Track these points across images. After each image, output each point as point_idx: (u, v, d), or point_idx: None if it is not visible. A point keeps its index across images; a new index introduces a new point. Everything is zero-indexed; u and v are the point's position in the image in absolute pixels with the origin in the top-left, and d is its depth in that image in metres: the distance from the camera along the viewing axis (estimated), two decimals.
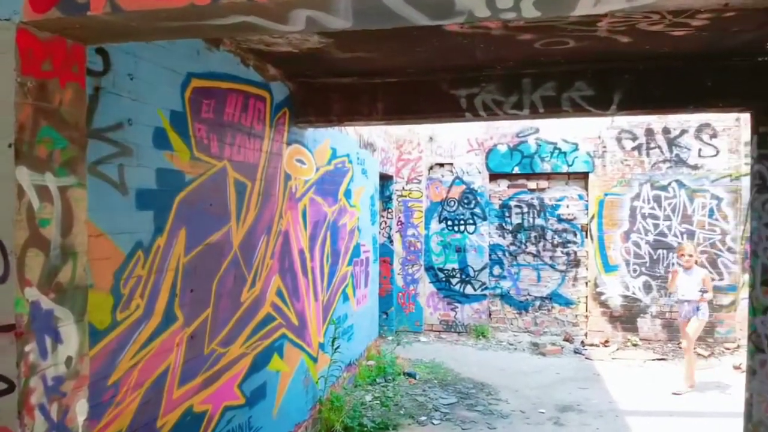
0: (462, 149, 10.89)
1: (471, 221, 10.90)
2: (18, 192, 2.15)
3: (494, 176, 10.91)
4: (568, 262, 10.66)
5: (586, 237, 10.45)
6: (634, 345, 9.87)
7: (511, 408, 7.15)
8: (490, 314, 11.00)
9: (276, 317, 5.19)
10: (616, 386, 7.95)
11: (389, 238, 11.06)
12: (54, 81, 2.31)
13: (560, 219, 10.67)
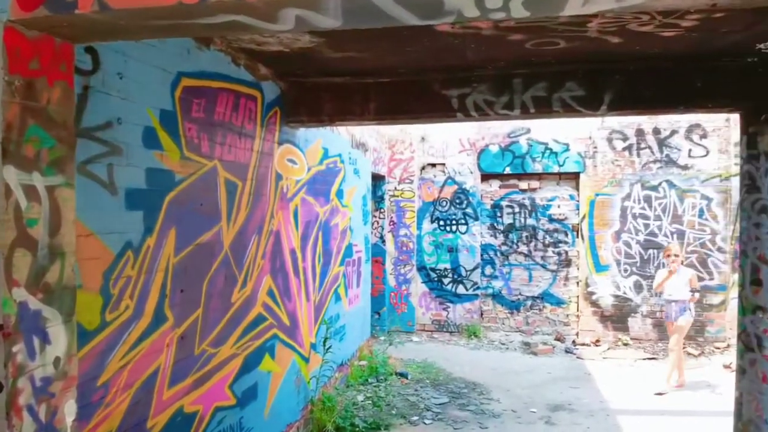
0: (454, 149, 10.90)
1: (463, 221, 10.92)
2: (5, 191, 2.13)
3: (486, 176, 10.93)
4: (559, 261, 10.70)
5: (577, 237, 10.49)
6: (625, 344, 9.91)
7: (503, 407, 7.16)
8: (481, 314, 11.02)
9: (267, 317, 5.17)
10: (607, 385, 7.98)
11: (381, 238, 11.06)
12: (42, 80, 2.29)
13: (551, 219, 10.71)
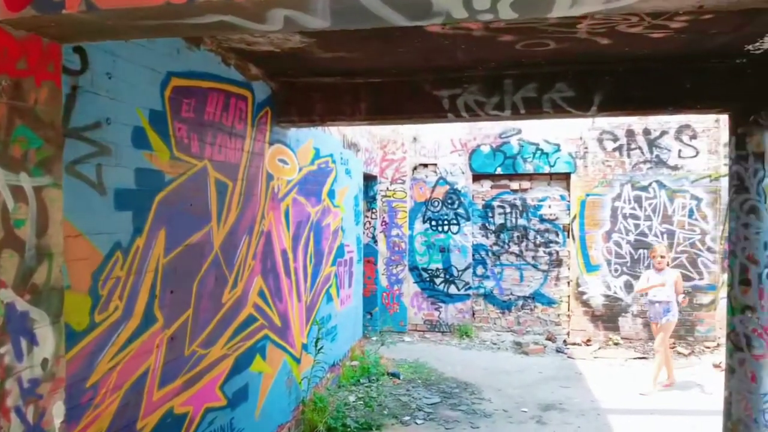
0: (446, 150, 10.92)
1: (455, 221, 10.94)
2: None
3: (477, 177, 10.96)
4: (550, 261, 10.74)
5: (568, 237, 10.53)
6: (616, 344, 9.96)
7: (494, 407, 7.18)
8: (473, 314, 11.04)
9: (258, 318, 5.16)
10: (597, 385, 8.02)
11: (373, 238, 11.05)
12: (29, 80, 2.28)
13: (542, 219, 10.75)
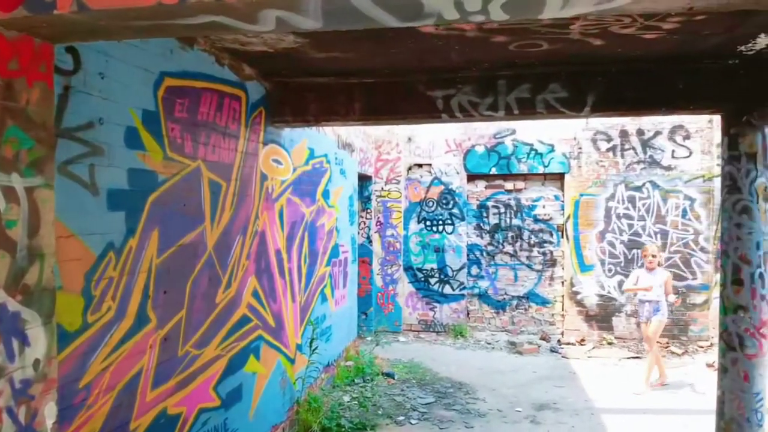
0: (440, 150, 10.94)
1: (449, 221, 10.95)
2: None
3: (472, 177, 10.98)
4: (544, 261, 10.77)
5: (562, 237, 10.56)
6: (610, 343, 9.99)
7: (489, 407, 7.19)
8: (468, 314, 11.06)
9: (252, 318, 5.16)
10: (591, 384, 8.04)
11: (368, 238, 11.06)
12: (21, 80, 2.27)
13: (536, 219, 10.78)
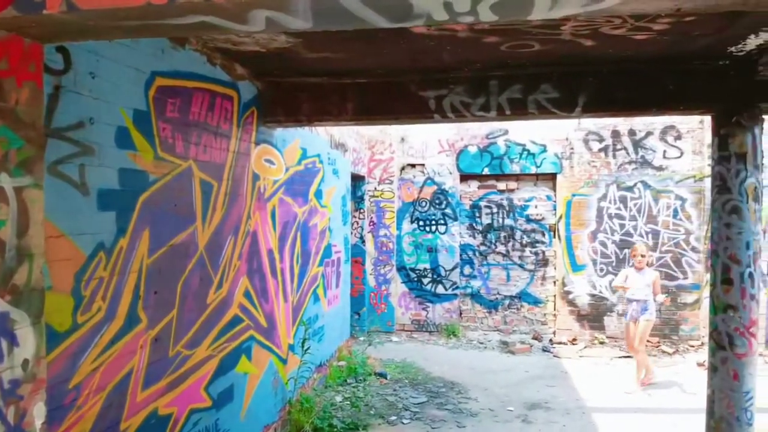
0: (433, 150, 10.95)
1: (442, 221, 10.97)
2: None
3: (465, 177, 11.00)
4: (536, 261, 10.81)
5: (554, 237, 10.60)
6: (601, 343, 10.03)
7: (481, 406, 7.21)
8: (460, 313, 11.08)
9: (244, 319, 5.15)
10: (583, 383, 8.07)
11: (361, 238, 11.06)
12: (10, 80, 2.27)
13: (529, 219, 10.81)
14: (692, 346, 9.75)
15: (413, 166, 11.11)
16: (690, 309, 9.89)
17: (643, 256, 7.95)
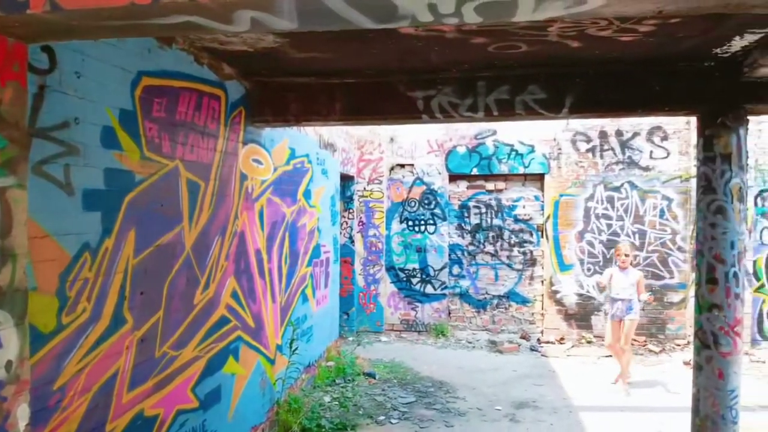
0: (422, 150, 10.97)
1: (431, 221, 10.99)
2: None
3: (453, 177, 11.03)
4: (524, 261, 10.85)
5: (542, 237, 10.65)
6: (588, 342, 10.09)
7: (469, 406, 7.23)
8: (449, 313, 11.11)
9: (231, 319, 5.13)
10: (570, 382, 8.12)
11: (350, 238, 11.06)
12: None
13: (517, 219, 10.86)
14: (678, 345, 9.83)
15: (402, 166, 11.12)
16: (676, 308, 9.98)
17: (627, 255, 7.98)
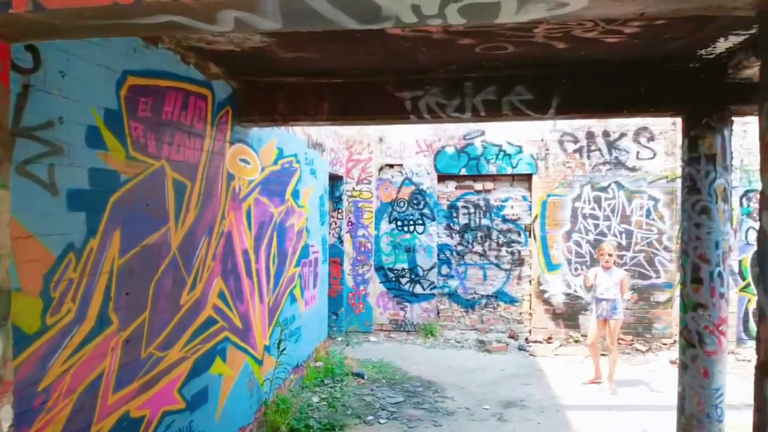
0: (411, 150, 10.98)
1: (420, 222, 11.01)
2: None
3: (442, 177, 11.05)
4: (512, 261, 10.90)
5: (530, 237, 10.69)
6: (576, 341, 10.15)
7: (457, 405, 7.25)
8: (438, 313, 11.13)
9: (218, 320, 5.12)
10: (558, 381, 8.16)
11: (339, 238, 11.05)
12: None
13: (505, 219, 10.90)
14: (665, 344, 9.91)
15: (391, 166, 11.12)
16: (663, 307, 10.05)
17: (610, 255, 8.01)
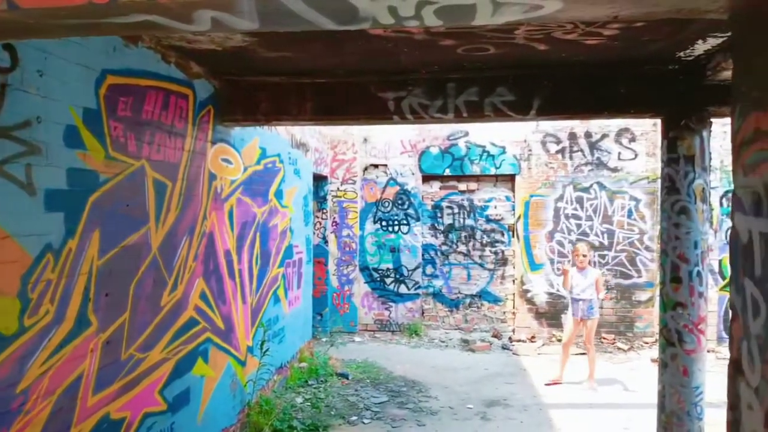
0: (396, 151, 11.00)
1: (405, 222, 11.03)
2: None
3: (427, 178, 11.08)
4: (496, 260, 10.96)
5: (513, 237, 10.76)
6: (559, 340, 10.18)
7: (441, 404, 7.28)
8: (423, 312, 11.16)
9: (200, 321, 5.09)
10: (541, 380, 8.21)
11: (324, 238, 11.03)
12: None
13: (489, 219, 10.96)
14: (646, 343, 10.01)
15: (376, 166, 11.13)
16: (644, 306, 10.16)
17: (584, 255, 8.04)
